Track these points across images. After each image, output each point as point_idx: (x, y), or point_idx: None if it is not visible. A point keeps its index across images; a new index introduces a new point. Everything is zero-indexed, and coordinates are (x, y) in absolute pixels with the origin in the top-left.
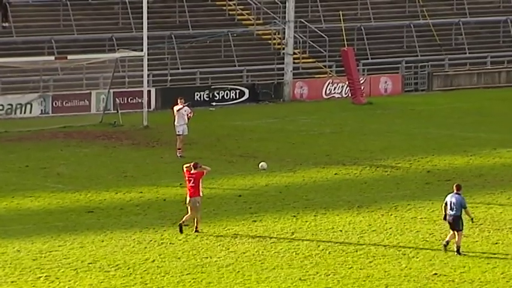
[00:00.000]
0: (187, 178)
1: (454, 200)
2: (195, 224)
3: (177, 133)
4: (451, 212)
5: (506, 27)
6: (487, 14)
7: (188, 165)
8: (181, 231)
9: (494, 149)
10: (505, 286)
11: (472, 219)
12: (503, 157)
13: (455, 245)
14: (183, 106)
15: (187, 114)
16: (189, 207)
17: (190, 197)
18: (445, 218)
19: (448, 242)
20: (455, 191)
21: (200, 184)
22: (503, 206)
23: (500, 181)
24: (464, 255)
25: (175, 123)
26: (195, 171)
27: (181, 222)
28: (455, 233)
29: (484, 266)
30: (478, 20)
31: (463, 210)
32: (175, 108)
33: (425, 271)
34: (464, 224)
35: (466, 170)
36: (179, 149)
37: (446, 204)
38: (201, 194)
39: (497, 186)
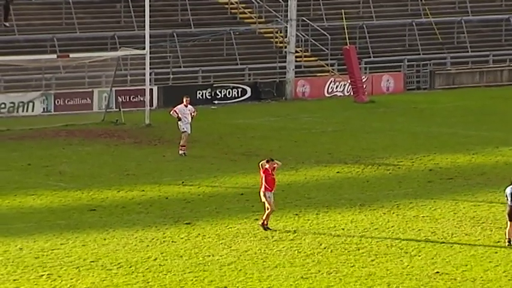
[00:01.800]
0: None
1: None
2: (265, 219)
3: (182, 130)
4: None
5: (508, 26)
6: (489, 12)
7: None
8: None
9: (497, 148)
10: (507, 284)
11: None
12: (505, 155)
13: (507, 236)
14: (188, 105)
15: (191, 113)
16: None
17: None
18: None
19: (510, 240)
20: None
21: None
22: (505, 204)
23: (502, 179)
24: None
25: (180, 122)
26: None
27: (264, 223)
28: None
29: (486, 265)
30: (480, 18)
31: None
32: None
33: (427, 269)
34: None
35: (468, 168)
36: (183, 146)
37: (506, 196)
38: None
39: (499, 185)
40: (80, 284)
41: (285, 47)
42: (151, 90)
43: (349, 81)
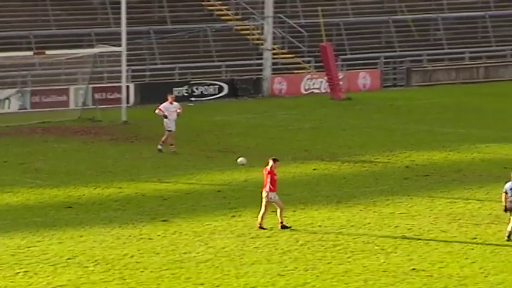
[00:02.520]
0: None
1: None
2: (262, 220)
3: (168, 129)
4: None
5: (484, 23)
6: (465, 9)
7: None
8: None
9: (473, 144)
10: (483, 281)
11: None
12: (481, 152)
13: (508, 229)
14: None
15: (177, 110)
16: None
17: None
18: (505, 210)
19: (510, 233)
20: None
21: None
22: (481, 201)
23: (478, 176)
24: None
25: (166, 119)
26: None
27: (281, 223)
28: None
29: (463, 261)
30: (456, 15)
31: None
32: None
33: (403, 266)
34: None
35: (444, 165)
36: (172, 144)
37: (506, 192)
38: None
39: (475, 182)
40: (57, 281)
41: (262, 44)
42: (127, 87)
43: (325, 78)
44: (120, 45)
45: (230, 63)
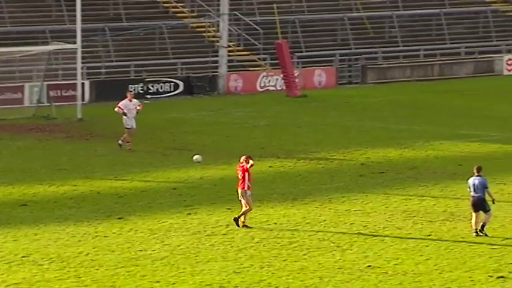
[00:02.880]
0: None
1: (477, 182)
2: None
3: (126, 126)
4: (476, 194)
5: (438, 20)
6: (420, 7)
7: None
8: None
9: (428, 142)
10: (437, 278)
11: (493, 200)
12: (436, 149)
13: (480, 223)
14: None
15: (136, 107)
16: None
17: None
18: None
19: (477, 229)
20: (476, 174)
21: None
22: (436, 198)
23: (433, 173)
24: (486, 235)
25: (125, 117)
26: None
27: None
28: (484, 214)
29: (417, 258)
30: (411, 13)
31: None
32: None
33: (359, 263)
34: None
35: (399, 162)
36: (128, 142)
37: (469, 187)
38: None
39: (430, 179)
40: (11, 279)
41: (218, 42)
42: (83, 84)
43: (281, 75)
44: (75, 43)
45: (186, 60)
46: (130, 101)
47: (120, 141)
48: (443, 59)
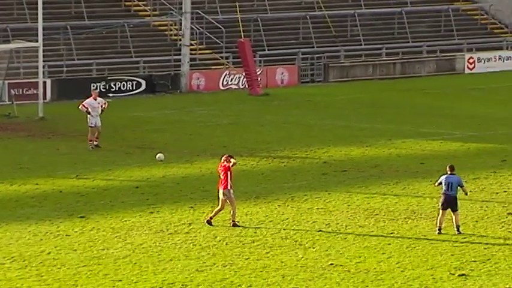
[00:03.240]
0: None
1: (453, 180)
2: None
3: (90, 125)
4: (449, 192)
5: (400, 19)
6: (381, 5)
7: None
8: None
9: (390, 140)
10: (400, 276)
11: (466, 193)
12: (398, 148)
13: (454, 225)
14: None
15: (101, 106)
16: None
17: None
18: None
19: (441, 228)
20: (449, 172)
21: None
22: (398, 196)
23: (395, 172)
24: (461, 232)
25: (89, 115)
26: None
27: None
28: (452, 213)
29: (379, 256)
30: (373, 11)
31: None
32: (89, 100)
33: (321, 261)
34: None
35: (362, 160)
36: (91, 140)
37: (441, 183)
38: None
39: (392, 177)
40: None
41: (180, 40)
42: (44, 83)
43: (243, 74)
44: (36, 41)
45: (148, 59)
46: (95, 99)
47: (90, 146)
48: (405, 58)
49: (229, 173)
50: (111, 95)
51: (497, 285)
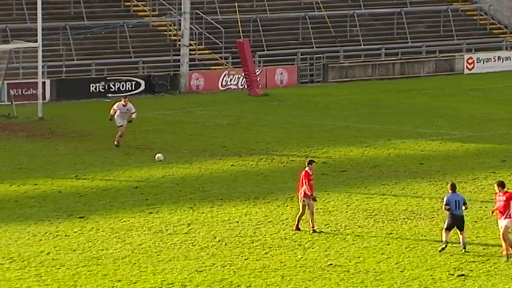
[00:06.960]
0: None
1: (459, 199)
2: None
3: (118, 125)
4: (457, 212)
5: (400, 19)
6: (381, 6)
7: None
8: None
9: (389, 140)
10: (399, 276)
11: (466, 208)
12: (397, 148)
13: (461, 243)
14: (126, 104)
15: (131, 114)
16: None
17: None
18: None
19: (447, 244)
20: (451, 191)
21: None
22: (397, 196)
23: (394, 172)
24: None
25: (116, 115)
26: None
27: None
28: (459, 232)
29: (379, 257)
30: (372, 12)
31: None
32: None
33: (320, 261)
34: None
35: (361, 161)
36: (118, 139)
37: (449, 205)
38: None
39: (391, 177)
40: None
41: (179, 40)
42: (43, 83)
43: (243, 74)
44: (36, 41)
45: (147, 59)
46: (125, 105)
47: (116, 142)
48: (405, 58)
49: (307, 180)
50: (110, 95)
51: (497, 286)
